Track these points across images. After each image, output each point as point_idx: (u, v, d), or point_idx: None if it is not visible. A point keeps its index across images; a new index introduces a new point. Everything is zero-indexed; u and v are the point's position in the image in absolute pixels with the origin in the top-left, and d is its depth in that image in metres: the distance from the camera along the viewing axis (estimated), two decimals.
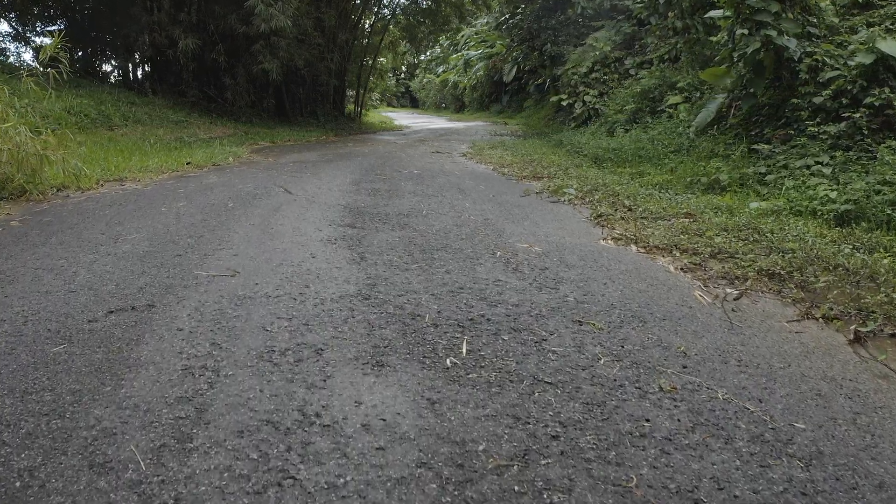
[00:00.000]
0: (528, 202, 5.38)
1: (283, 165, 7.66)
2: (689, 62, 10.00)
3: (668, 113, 9.07)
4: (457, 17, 19.57)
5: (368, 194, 5.24)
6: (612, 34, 12.24)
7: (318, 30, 16.10)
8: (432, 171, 7.36)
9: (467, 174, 7.31)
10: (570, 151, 9.71)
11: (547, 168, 8.14)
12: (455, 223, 4.12)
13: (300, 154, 9.54)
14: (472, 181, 6.64)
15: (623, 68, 11.56)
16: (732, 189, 5.81)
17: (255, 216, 4.03)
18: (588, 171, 7.47)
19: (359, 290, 2.58)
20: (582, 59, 12.00)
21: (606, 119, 10.20)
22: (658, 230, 4.30)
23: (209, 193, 5.20)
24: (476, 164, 8.57)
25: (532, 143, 11.92)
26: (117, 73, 14.80)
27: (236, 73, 14.31)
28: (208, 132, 12.45)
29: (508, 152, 10.30)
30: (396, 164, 8.17)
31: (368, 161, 8.35)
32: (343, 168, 7.32)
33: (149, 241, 3.39)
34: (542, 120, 20.24)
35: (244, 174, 6.69)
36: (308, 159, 8.51)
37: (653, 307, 2.63)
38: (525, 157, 9.29)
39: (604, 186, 6.26)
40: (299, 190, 5.29)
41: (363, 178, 6.42)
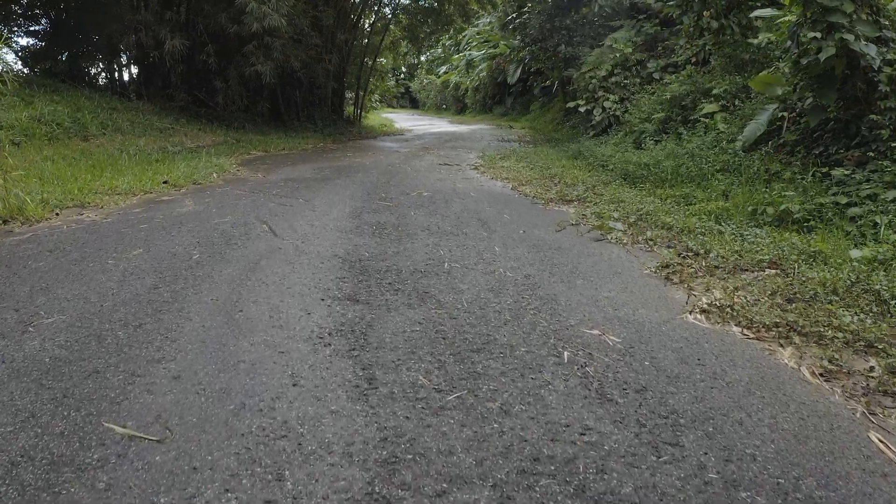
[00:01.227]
0: (568, 241, 4.34)
1: (273, 185, 6.60)
2: (723, 66, 8.97)
3: (703, 123, 8.04)
4: (460, 16, 18.50)
5: (372, 233, 4.18)
6: (632, 34, 11.19)
7: (315, 29, 15.01)
8: (444, 193, 6.31)
9: (484, 196, 6.26)
10: (593, 164, 8.67)
11: (572, 187, 7.11)
12: (490, 286, 3.08)
13: (293, 167, 8.48)
14: (493, 207, 5.60)
15: (646, 72, 10.51)
16: (807, 222, 4.79)
17: (222, 281, 2.97)
18: (622, 192, 6.44)
19: (369, 479, 1.51)
20: (600, 62, 10.95)
21: (631, 128, 9.15)
22: (750, 294, 3.27)
23: (175, 233, 4.14)
24: (491, 181, 7.52)
25: (546, 152, 10.88)
26: (103, 77, 13.70)
27: (228, 76, 13.23)
28: (196, 140, 11.37)
29: (524, 164, 9.26)
30: (402, 181, 7.12)
31: (370, 178, 7.29)
32: (341, 189, 6.26)
33: (66, 333, 2.34)
34: (549, 123, 19.20)
35: (225, 199, 5.63)
36: (302, 176, 7.45)
37: (833, 484, 1.61)
38: (544, 172, 8.25)
39: (650, 216, 5.22)
40: (286, 229, 4.23)
41: (365, 204, 5.37)
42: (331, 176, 7.43)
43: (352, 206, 5.26)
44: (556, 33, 12.30)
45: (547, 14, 12.43)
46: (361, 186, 6.53)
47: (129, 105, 11.71)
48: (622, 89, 10.59)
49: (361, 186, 6.53)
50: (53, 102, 9.83)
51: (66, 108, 9.84)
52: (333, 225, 4.35)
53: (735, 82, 8.24)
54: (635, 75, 10.66)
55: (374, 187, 6.53)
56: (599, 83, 10.66)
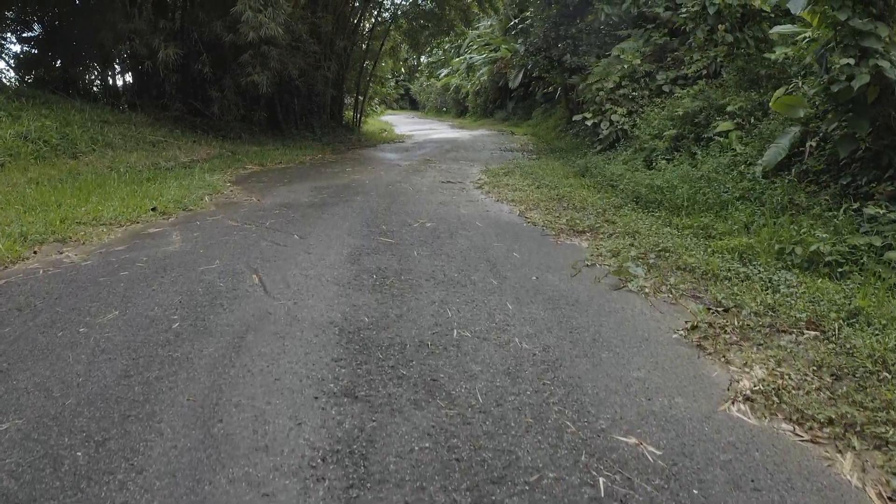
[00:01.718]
0: (585, 292, 3.99)
1: (266, 213, 6.23)
2: (736, 81, 8.61)
3: (717, 142, 7.69)
4: (461, 20, 18.12)
5: (372, 286, 3.82)
6: (640, 45, 10.82)
7: (313, 36, 14.63)
8: (448, 222, 5.95)
9: (491, 226, 5.91)
10: (602, 184, 8.32)
11: (582, 211, 6.76)
12: (506, 367, 2.72)
13: (289, 188, 8.11)
14: (501, 242, 5.24)
15: (655, 84, 10.14)
16: (840, 267, 4.44)
17: (201, 368, 2.56)
18: (636, 221, 6.09)
19: None
20: (607, 73, 10.58)
21: (641, 145, 8.79)
22: (793, 369, 2.92)
23: (156, 286, 3.78)
24: (496, 205, 7.17)
25: (551, 166, 10.52)
26: (97, 86, 13.31)
27: (224, 85, 12.85)
28: (190, 154, 11.01)
29: (528, 182, 8.90)
30: (403, 206, 6.76)
31: (369, 203, 6.93)
32: (339, 220, 5.90)
33: (20, 451, 1.97)
34: (551, 130, 18.84)
35: (214, 233, 5.27)
36: (297, 200, 7.08)
37: None
38: (552, 192, 7.89)
39: (669, 255, 4.88)
40: (278, 282, 3.87)
41: (364, 242, 5.01)
42: (328, 200, 7.07)
43: (350, 245, 4.90)
44: (560, 42, 11.91)
45: (551, 22, 12.05)
46: (360, 216, 6.17)
47: (121, 117, 11.34)
48: (630, 102, 10.22)
49: (360, 216, 6.17)
50: (42, 117, 9.46)
51: (54, 122, 9.47)
52: (330, 275, 3.99)
53: (750, 98, 7.89)
54: (644, 87, 10.29)
55: (373, 216, 6.18)
56: (607, 95, 10.29)
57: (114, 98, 12.81)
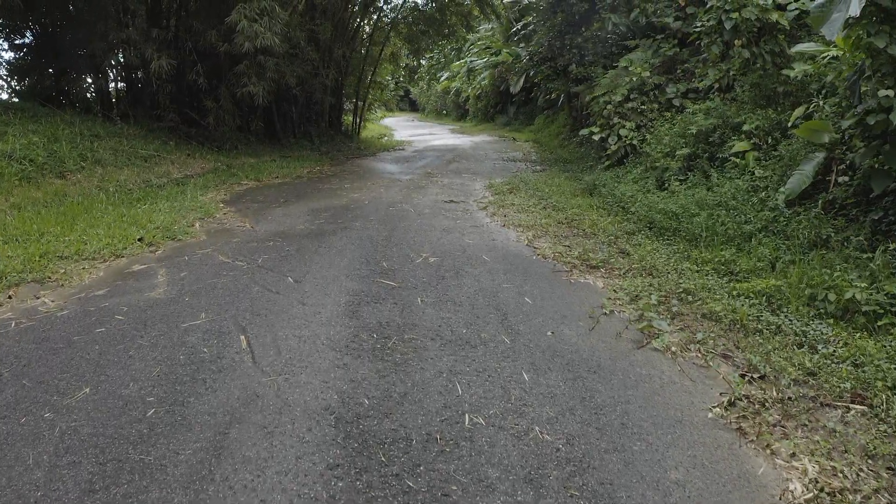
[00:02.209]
0: (607, 352, 3.63)
1: (259, 245, 5.86)
2: (752, 97, 8.25)
3: (732, 162, 7.33)
4: (463, 25, 17.73)
5: (373, 353, 3.45)
6: (648, 56, 10.45)
7: (312, 43, 14.25)
8: (453, 257, 5.59)
9: (499, 260, 5.55)
10: (612, 205, 7.96)
11: (594, 239, 6.42)
12: (526, 472, 2.36)
13: (285, 211, 7.75)
14: (510, 282, 4.88)
15: (664, 97, 9.77)
16: (879, 319, 4.09)
17: (175, 483, 2.23)
18: (652, 253, 5.74)
19: None
20: (615, 85, 10.21)
21: (653, 164, 8.43)
22: (846, 465, 2.58)
23: (134, 351, 3.41)
24: (503, 231, 6.81)
25: (557, 182, 10.16)
26: (89, 96, 12.88)
27: (219, 96, 12.48)
28: (184, 168, 10.64)
29: (535, 201, 8.55)
30: (404, 236, 6.40)
31: (369, 232, 6.56)
32: (336, 257, 5.53)
33: None
34: (554, 137, 18.49)
35: (202, 274, 4.90)
36: (293, 228, 6.72)
37: None
38: (560, 215, 7.54)
39: (692, 299, 4.53)
40: (268, 346, 3.49)
41: (364, 287, 4.64)
42: (325, 228, 6.71)
43: (348, 290, 4.53)
44: (566, 52, 11.54)
45: (556, 31, 11.67)
46: (359, 248, 5.81)
47: (113, 129, 10.95)
48: (639, 116, 9.86)
49: (359, 248, 5.81)
50: (29, 133, 9.09)
51: (42, 138, 9.09)
52: (326, 336, 3.62)
53: (767, 117, 7.52)
54: (653, 101, 9.93)
55: (373, 248, 5.82)
56: (615, 109, 9.92)
57: (106, 109, 12.42)
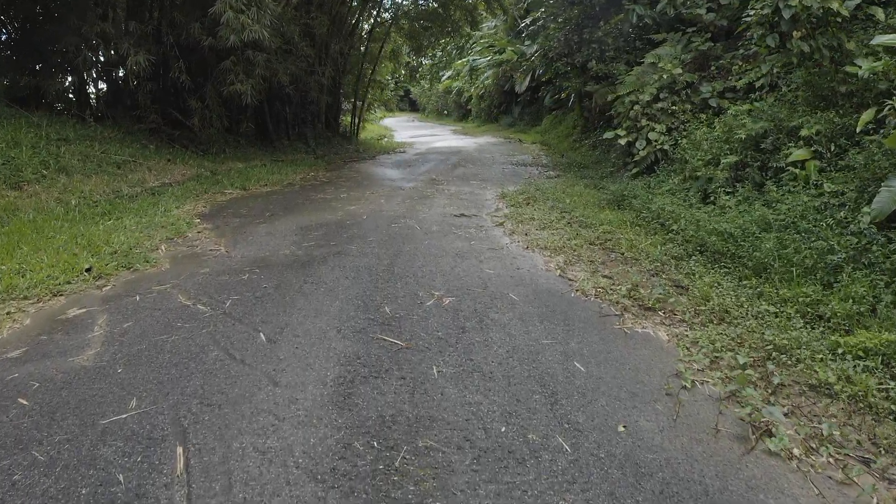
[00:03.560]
0: (710, 467, 2.45)
1: (230, 282, 4.67)
2: (806, 98, 7.08)
3: (790, 173, 6.17)
4: (467, 21, 16.53)
5: (370, 479, 2.28)
6: (678, 51, 9.27)
7: (306, 39, 13.06)
8: (472, 296, 4.41)
9: (530, 300, 4.36)
10: (648, 220, 6.78)
11: (636, 265, 5.26)
12: None
13: (270, 228, 6.56)
14: (551, 335, 3.71)
15: (698, 97, 8.60)
16: None
17: None
18: (715, 287, 4.56)
19: None
20: (641, 83, 9.04)
21: (693, 173, 7.26)
22: None
23: (22, 470, 2.25)
24: (528, 255, 5.62)
25: (577, 190, 8.99)
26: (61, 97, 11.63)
27: (204, 95, 11.27)
28: (161, 176, 9.43)
29: (557, 214, 7.37)
30: (411, 263, 5.22)
31: (368, 259, 5.37)
32: (326, 300, 4.34)
33: None
34: (563, 139, 17.30)
35: (149, 328, 3.71)
36: (276, 254, 5.53)
37: None
38: (589, 233, 6.37)
39: (788, 359, 3.38)
40: (217, 474, 2.30)
41: (360, 348, 3.46)
42: (314, 254, 5.52)
43: (338, 355, 3.35)
44: (584, 47, 10.34)
45: (574, 24, 10.48)
46: (355, 285, 4.62)
47: (85, 132, 9.75)
48: (669, 117, 8.69)
49: (355, 285, 4.62)
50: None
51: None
52: (302, 450, 2.41)
53: (829, 121, 6.35)
54: (685, 100, 8.76)
55: (372, 285, 4.63)
56: (643, 109, 8.75)
57: (81, 109, 11.20)
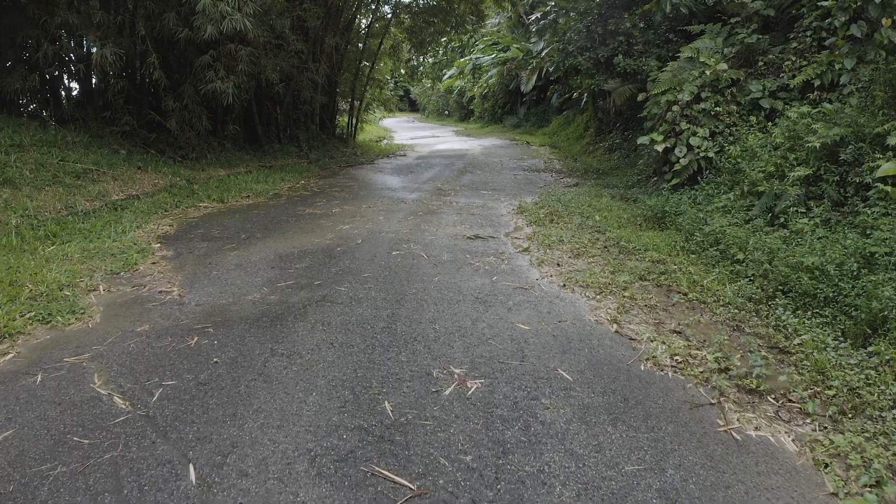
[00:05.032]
0: None
1: (172, 351, 3.37)
2: (885, 100, 5.82)
3: (879, 191, 4.91)
4: (473, 15, 15.23)
5: None
6: (719, 44, 8.00)
7: (299, 32, 11.77)
8: (508, 373, 3.14)
9: (587, 378, 3.09)
10: (703, 245, 5.51)
11: (708, 313, 4.00)
12: None
13: (241, 258, 5.28)
14: (637, 458, 2.42)
15: (745, 97, 7.34)
16: None
17: None
18: (822, 351, 3.31)
19: None
20: (679, 81, 7.77)
21: (753, 187, 5.98)
22: None
23: None
24: (568, 299, 4.34)
25: (605, 202, 7.73)
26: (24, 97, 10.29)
27: (183, 93, 9.97)
28: (129, 186, 8.14)
29: (590, 235, 6.11)
30: (418, 315, 3.95)
31: (361, 312, 4.08)
32: (298, 390, 3.05)
33: None
34: (574, 142, 16.01)
35: (32, 442, 2.43)
36: (241, 301, 4.24)
37: None
38: (636, 263, 5.11)
39: None
40: None
41: (347, 495, 2.22)
42: (292, 302, 4.23)
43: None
44: (609, 39, 9.06)
45: (597, 14, 9.19)
46: (343, 359, 3.34)
47: (44, 137, 8.44)
48: (712, 120, 7.43)
49: (343, 359, 3.34)
50: None
51: None
52: None
53: None
54: (730, 101, 7.49)
55: (367, 358, 3.34)
56: (682, 110, 7.48)
57: (45, 111, 9.90)
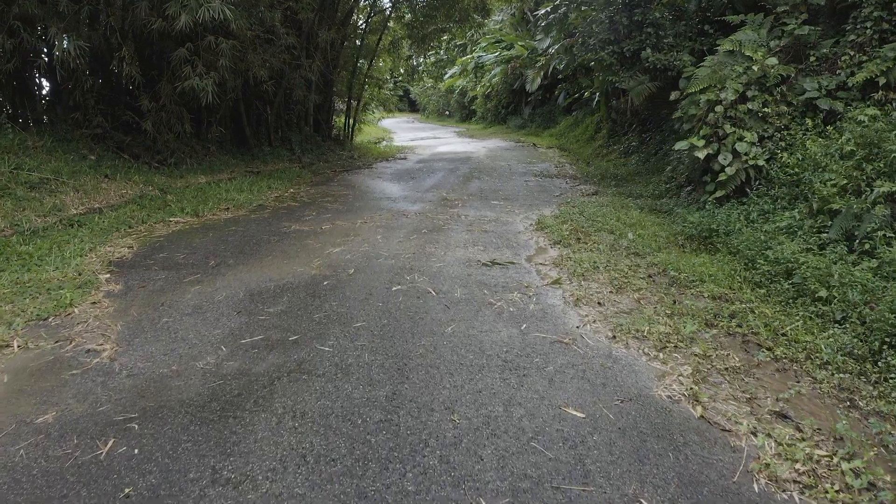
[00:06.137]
0: None
1: (73, 465, 2.32)
2: None
3: None
4: (477, 10, 14.15)
5: None
6: (763, 36, 6.95)
7: (290, 26, 10.69)
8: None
9: None
10: (770, 276, 4.45)
11: (807, 375, 2.93)
12: None
13: (202, 297, 4.20)
14: None
15: (798, 96, 6.29)
16: None
17: None
18: None
19: None
20: (719, 77, 6.72)
21: (824, 205, 4.93)
22: None
23: None
24: (624, 358, 3.28)
25: (636, 217, 6.67)
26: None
27: (160, 92, 8.89)
28: (91, 198, 7.05)
29: (629, 262, 5.05)
30: (428, 394, 2.85)
31: (349, 393, 2.98)
32: None
33: None
34: (584, 144, 14.93)
35: None
36: (189, 370, 3.14)
37: None
38: (698, 303, 4.05)
39: None
40: None
41: None
42: (256, 374, 3.12)
43: None
44: (636, 32, 8.00)
45: (621, 4, 8.12)
46: (319, 495, 2.28)
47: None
48: (761, 122, 6.37)
49: (319, 495, 2.28)
50: None
51: None
52: None
53: None
54: (779, 101, 6.44)
55: (356, 489, 2.25)
56: (725, 111, 6.43)
57: (5, 110, 8.82)
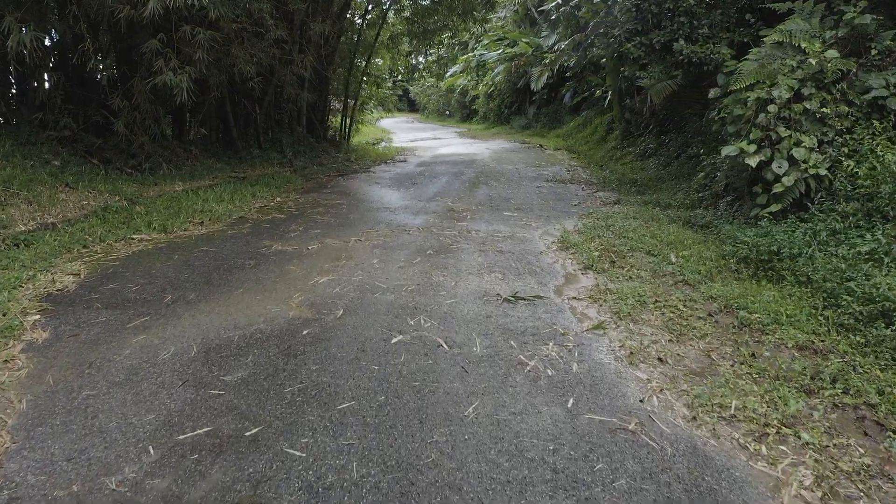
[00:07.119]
0: None
1: None
2: None
3: None
4: (483, 4, 13.20)
5: None
6: (815, 26, 6.02)
7: (281, 18, 9.72)
8: None
9: None
10: (859, 318, 3.51)
11: None
12: None
13: (147, 351, 3.20)
14: None
15: (862, 96, 5.36)
16: None
17: None
18: None
19: None
20: (768, 72, 5.78)
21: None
22: None
23: None
24: (701, 442, 2.31)
25: (672, 232, 5.74)
26: None
27: (133, 90, 7.93)
28: (46, 211, 6.08)
29: (680, 294, 4.12)
30: None
31: None
32: None
33: None
34: (595, 146, 13.98)
35: None
36: (108, 473, 2.15)
37: None
38: (781, 354, 3.11)
39: None
40: None
41: None
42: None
43: None
44: (666, 21, 7.05)
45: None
46: None
47: None
48: (819, 125, 5.45)
49: None
50: None
51: None
52: None
53: None
54: (840, 100, 5.51)
55: None
56: (777, 112, 5.50)
57: None
